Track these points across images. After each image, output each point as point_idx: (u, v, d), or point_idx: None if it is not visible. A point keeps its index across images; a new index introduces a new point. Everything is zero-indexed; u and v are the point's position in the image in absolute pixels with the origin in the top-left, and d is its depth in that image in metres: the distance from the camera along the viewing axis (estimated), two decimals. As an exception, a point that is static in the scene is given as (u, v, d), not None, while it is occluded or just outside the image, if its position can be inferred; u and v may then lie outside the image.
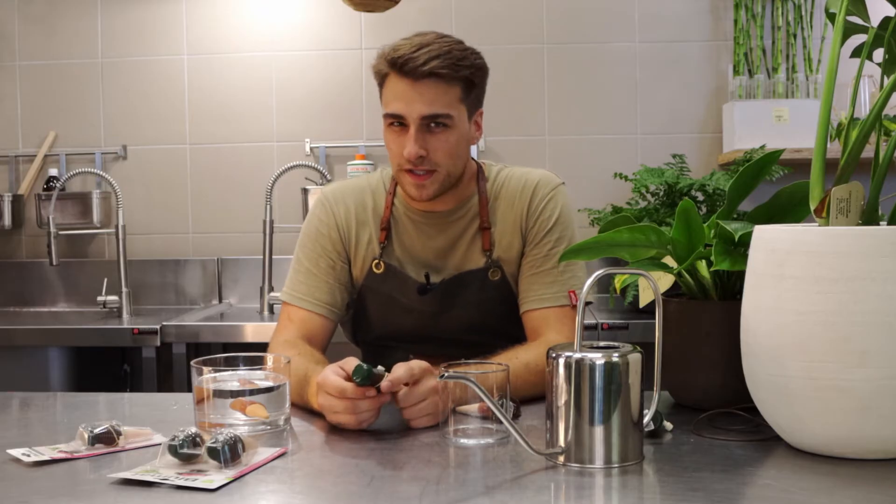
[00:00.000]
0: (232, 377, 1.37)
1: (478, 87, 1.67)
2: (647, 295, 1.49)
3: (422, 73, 1.57)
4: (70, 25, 3.31)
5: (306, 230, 1.77)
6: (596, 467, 1.13)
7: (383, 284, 1.73)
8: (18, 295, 3.29)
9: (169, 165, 3.31)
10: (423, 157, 1.61)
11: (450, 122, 1.62)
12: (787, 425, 1.19)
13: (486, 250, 1.72)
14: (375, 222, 1.75)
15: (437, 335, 1.73)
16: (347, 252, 1.76)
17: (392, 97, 1.62)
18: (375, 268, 1.73)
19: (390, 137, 1.65)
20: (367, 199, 1.77)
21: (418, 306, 1.72)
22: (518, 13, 3.19)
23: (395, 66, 1.60)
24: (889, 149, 1.23)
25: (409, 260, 1.74)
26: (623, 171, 2.84)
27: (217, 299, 3.26)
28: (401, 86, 1.60)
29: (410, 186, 1.66)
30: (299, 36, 3.25)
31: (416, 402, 1.32)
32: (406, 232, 1.74)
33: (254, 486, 1.09)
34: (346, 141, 3.23)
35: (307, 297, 1.71)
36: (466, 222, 1.74)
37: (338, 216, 1.75)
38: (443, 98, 1.60)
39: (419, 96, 1.59)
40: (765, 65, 3.06)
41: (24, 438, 1.33)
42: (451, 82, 1.60)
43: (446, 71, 1.58)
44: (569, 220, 1.74)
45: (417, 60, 1.57)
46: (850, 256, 1.10)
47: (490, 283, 1.72)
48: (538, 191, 1.73)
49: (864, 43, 1.26)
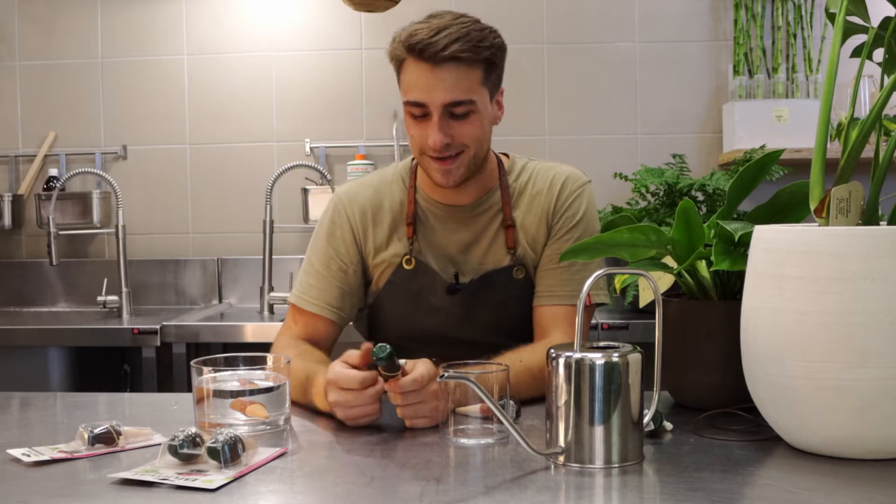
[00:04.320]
0: (232, 377, 1.37)
1: (498, 66, 1.62)
2: (647, 295, 1.49)
3: (442, 58, 1.52)
4: (70, 25, 3.31)
5: (318, 231, 1.73)
6: (596, 467, 1.13)
7: (412, 282, 1.68)
8: (18, 295, 3.29)
9: (169, 165, 3.31)
10: (448, 145, 1.57)
11: (473, 107, 1.57)
12: (787, 425, 1.19)
13: (511, 248, 1.67)
14: (396, 219, 1.70)
15: (459, 337, 1.68)
16: (362, 254, 1.70)
17: (411, 84, 1.57)
18: (406, 264, 1.67)
19: (411, 124, 1.60)
20: (383, 197, 1.72)
21: (446, 306, 1.68)
22: (518, 13, 3.19)
23: (413, 51, 1.54)
24: (889, 149, 1.23)
25: (433, 256, 1.69)
26: (623, 171, 2.84)
27: (217, 299, 3.26)
28: (420, 72, 1.55)
29: (436, 173, 1.61)
30: (299, 36, 3.25)
31: (418, 401, 1.32)
32: (430, 227, 1.70)
33: (254, 486, 1.09)
34: (346, 141, 3.22)
35: (315, 300, 1.67)
36: (490, 217, 1.70)
37: (352, 218, 1.70)
38: (464, 83, 1.55)
39: (440, 82, 1.53)
40: (765, 65, 3.06)
41: (24, 438, 1.33)
42: (472, 65, 1.55)
43: (467, 54, 1.53)
44: (592, 219, 1.70)
45: (437, 45, 1.52)
46: (850, 256, 1.10)
47: (514, 281, 1.68)
48: (566, 185, 1.69)
49: (864, 43, 1.26)
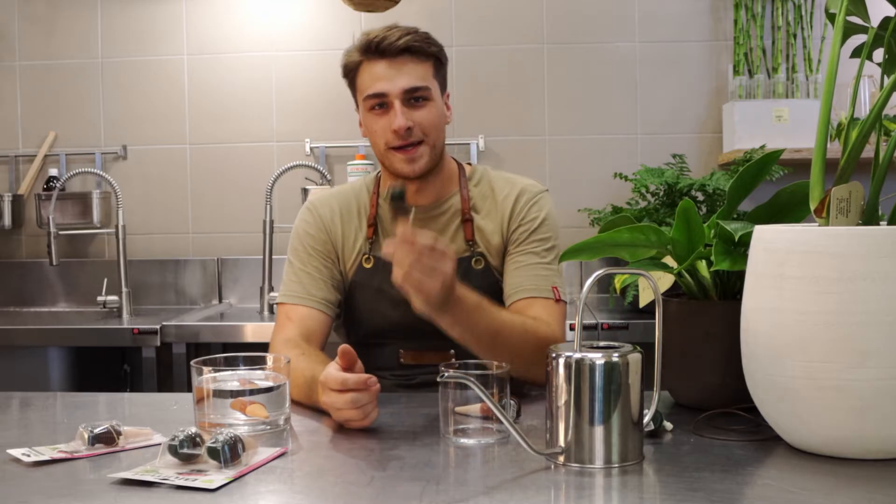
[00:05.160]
0: (232, 377, 1.37)
1: (444, 67, 1.76)
2: (647, 295, 1.49)
3: (397, 49, 1.66)
4: (70, 25, 3.31)
5: (294, 235, 1.81)
6: (596, 467, 1.13)
7: (372, 279, 1.76)
8: (18, 295, 3.29)
9: (169, 165, 3.31)
10: (410, 130, 1.67)
11: (429, 94, 1.70)
12: (787, 425, 1.19)
13: (469, 240, 1.75)
14: (361, 221, 1.79)
15: (424, 327, 1.68)
16: (336, 251, 1.79)
17: (370, 79, 1.69)
18: (365, 262, 1.76)
19: (373, 120, 1.71)
20: (351, 202, 1.82)
21: (405, 298, 1.71)
22: (518, 13, 3.19)
23: (369, 50, 1.68)
24: (889, 149, 1.23)
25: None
26: (623, 171, 2.84)
27: (217, 299, 3.26)
28: (378, 67, 1.68)
29: (401, 163, 1.70)
30: (299, 36, 3.25)
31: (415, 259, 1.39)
32: (390, 227, 1.76)
33: (254, 486, 1.09)
34: (346, 141, 3.22)
35: (302, 294, 1.74)
36: (449, 217, 1.78)
37: (324, 217, 1.80)
38: (420, 71, 1.69)
39: (397, 72, 1.67)
40: (765, 65, 3.06)
41: (24, 438, 1.33)
42: (424, 59, 1.70)
43: (420, 44, 1.68)
44: (554, 224, 1.77)
45: (392, 38, 1.66)
46: (850, 256, 1.10)
47: (474, 272, 1.74)
48: (523, 195, 1.77)
49: (864, 43, 1.26)
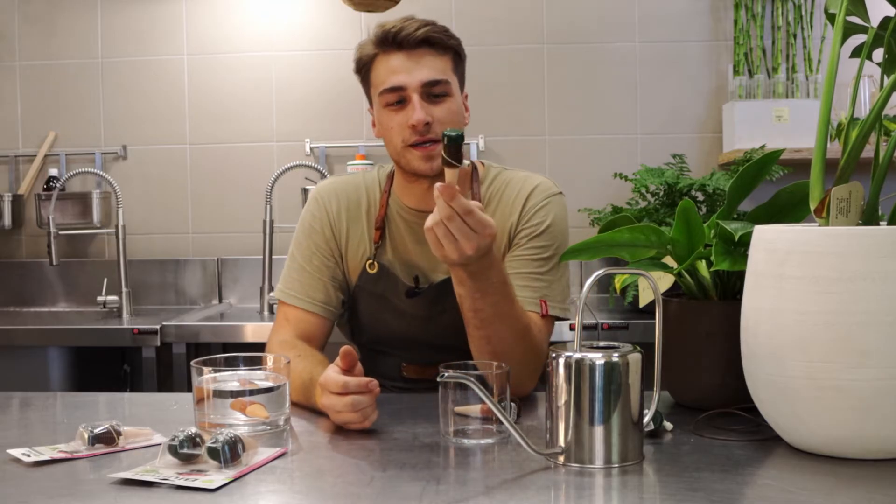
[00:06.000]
0: (232, 377, 1.36)
1: (463, 62, 1.68)
2: (647, 295, 1.49)
3: (416, 41, 1.58)
4: (70, 25, 3.31)
5: (300, 226, 1.76)
6: (596, 467, 1.13)
7: (376, 285, 1.71)
8: (18, 295, 3.29)
9: (169, 165, 3.31)
10: (428, 125, 1.58)
11: (449, 89, 1.61)
12: (787, 425, 1.19)
13: None
14: (369, 221, 1.73)
15: (428, 340, 1.70)
16: (340, 249, 1.73)
17: (387, 73, 1.60)
18: (369, 268, 1.70)
19: (389, 117, 1.62)
20: (361, 196, 1.74)
21: (409, 309, 1.69)
22: (518, 13, 3.19)
23: (385, 41, 1.59)
24: (889, 149, 1.23)
25: (399, 261, 1.71)
26: (623, 171, 2.84)
27: (217, 299, 3.26)
28: (395, 59, 1.59)
29: (418, 160, 1.61)
30: (299, 36, 3.25)
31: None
32: (398, 232, 1.72)
33: (254, 486, 1.09)
34: (346, 141, 3.22)
35: (302, 295, 1.69)
36: None
37: (330, 213, 1.73)
38: (439, 64, 1.61)
39: (416, 65, 1.59)
40: (765, 65, 3.06)
41: (24, 438, 1.33)
42: (443, 52, 1.62)
43: (439, 36, 1.60)
44: (559, 231, 1.68)
45: (410, 28, 1.58)
46: (850, 256, 1.10)
47: None
48: (533, 196, 1.68)
49: (864, 43, 1.26)
